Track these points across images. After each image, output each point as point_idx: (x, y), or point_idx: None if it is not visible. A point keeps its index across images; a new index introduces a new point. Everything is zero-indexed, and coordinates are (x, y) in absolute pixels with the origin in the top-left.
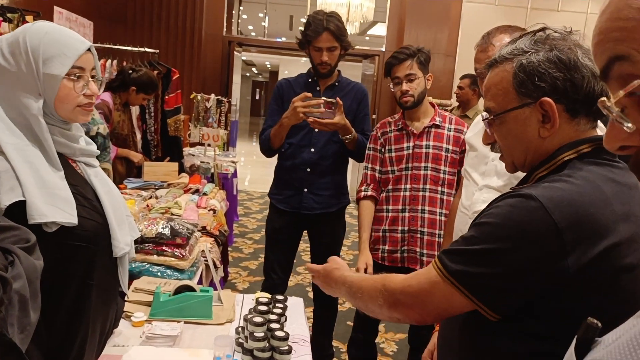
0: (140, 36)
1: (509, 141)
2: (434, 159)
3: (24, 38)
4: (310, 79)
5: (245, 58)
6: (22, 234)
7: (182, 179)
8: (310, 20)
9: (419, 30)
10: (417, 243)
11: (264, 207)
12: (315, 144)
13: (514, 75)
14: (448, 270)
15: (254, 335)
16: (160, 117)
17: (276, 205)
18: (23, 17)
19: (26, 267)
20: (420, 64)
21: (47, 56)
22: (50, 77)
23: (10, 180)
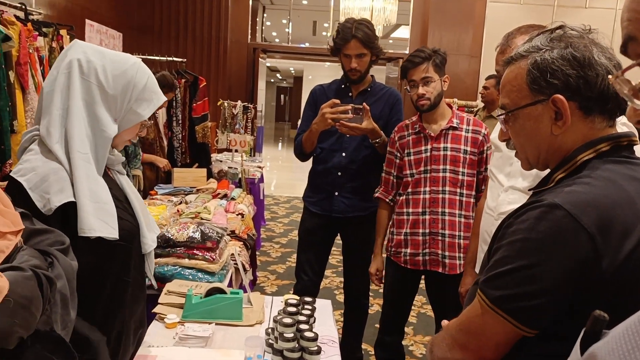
0: (167, 46)
1: (522, 138)
2: (452, 161)
3: (135, 73)
4: (343, 84)
5: (270, 64)
6: (57, 237)
7: (211, 185)
8: (340, 28)
9: (442, 32)
10: (438, 245)
11: (290, 212)
12: (347, 149)
13: (527, 72)
14: (489, 298)
15: (283, 335)
16: (188, 125)
17: (309, 207)
18: (57, 31)
19: (64, 268)
20: (436, 66)
21: (143, 97)
22: (134, 113)
23: (60, 182)
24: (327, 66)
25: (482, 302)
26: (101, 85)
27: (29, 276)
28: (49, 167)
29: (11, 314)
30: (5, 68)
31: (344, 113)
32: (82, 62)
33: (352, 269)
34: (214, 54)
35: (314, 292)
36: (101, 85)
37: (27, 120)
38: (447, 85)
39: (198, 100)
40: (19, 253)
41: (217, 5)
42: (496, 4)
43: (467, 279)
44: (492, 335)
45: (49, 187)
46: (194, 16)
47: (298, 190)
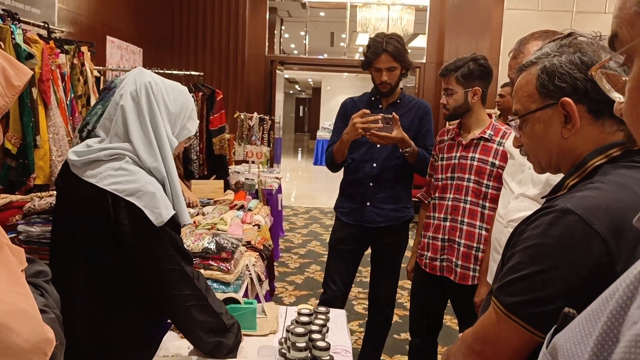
0: (186, 60)
1: (534, 142)
2: (477, 171)
3: (187, 96)
4: (373, 97)
5: (288, 76)
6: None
7: (228, 196)
8: (370, 42)
9: (459, 40)
10: (454, 253)
11: (309, 222)
12: (377, 159)
13: (537, 77)
14: (503, 304)
15: (296, 345)
16: (206, 137)
17: (340, 217)
18: (79, 48)
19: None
20: (457, 79)
21: (193, 117)
22: (186, 129)
23: (164, 199)
24: (345, 77)
25: (497, 309)
26: (166, 104)
27: (53, 319)
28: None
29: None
30: (29, 85)
31: (374, 123)
32: (152, 84)
33: (380, 278)
34: (232, 66)
35: (342, 302)
36: (166, 105)
37: (49, 135)
38: (477, 97)
39: (215, 112)
40: None
41: (234, 19)
42: (513, 11)
43: (482, 288)
44: (508, 343)
45: (158, 203)
46: (212, 30)
47: (317, 201)
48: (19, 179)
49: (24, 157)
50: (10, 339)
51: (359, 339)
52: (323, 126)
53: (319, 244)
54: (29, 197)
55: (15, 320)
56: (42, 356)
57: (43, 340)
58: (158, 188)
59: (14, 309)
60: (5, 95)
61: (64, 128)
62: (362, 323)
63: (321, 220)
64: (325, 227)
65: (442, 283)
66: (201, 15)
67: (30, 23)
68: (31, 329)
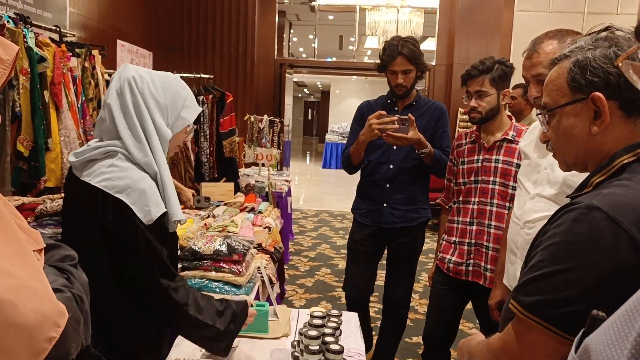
0: (196, 63)
1: (561, 137)
2: (502, 173)
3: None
4: (389, 100)
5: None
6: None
7: (238, 198)
8: (386, 46)
9: (469, 43)
10: (482, 257)
11: (318, 225)
12: (394, 161)
13: (569, 70)
14: (522, 304)
15: (309, 348)
16: (216, 140)
17: (358, 219)
18: (90, 51)
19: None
20: (493, 80)
21: (188, 104)
22: (182, 119)
23: (155, 196)
24: (354, 80)
25: (516, 310)
26: (154, 96)
27: (69, 297)
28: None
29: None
30: (41, 88)
31: (390, 124)
32: (137, 80)
33: (395, 279)
34: (241, 70)
35: (365, 302)
36: (154, 97)
37: (60, 138)
38: (508, 98)
39: (225, 115)
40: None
41: (244, 22)
42: (524, 13)
43: (497, 290)
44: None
45: (148, 201)
46: (222, 34)
47: (326, 205)
48: (30, 182)
49: (36, 160)
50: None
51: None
52: (332, 129)
53: (328, 247)
54: (40, 199)
55: (20, 295)
56: (53, 327)
57: (54, 312)
58: (150, 185)
59: (21, 284)
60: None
61: (75, 131)
62: (374, 327)
63: (331, 224)
64: (335, 230)
65: (465, 288)
66: (210, 19)
67: (42, 27)
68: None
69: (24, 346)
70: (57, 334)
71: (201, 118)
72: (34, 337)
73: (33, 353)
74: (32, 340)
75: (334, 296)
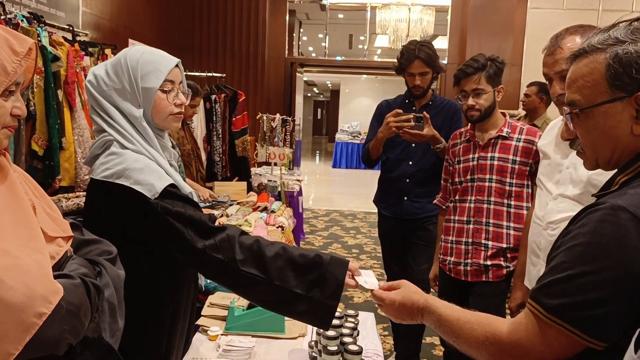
0: (207, 62)
1: (595, 137)
2: (498, 170)
3: (125, 59)
4: (407, 99)
5: (307, 79)
6: (104, 246)
7: (251, 198)
8: (404, 50)
9: (482, 41)
10: (480, 256)
11: (329, 225)
12: (413, 157)
13: (607, 66)
14: (546, 307)
15: (327, 349)
16: (228, 139)
17: (381, 211)
18: (102, 50)
19: (112, 277)
20: (489, 77)
21: (144, 72)
22: (147, 90)
23: (156, 171)
24: (364, 79)
25: (537, 312)
26: (110, 86)
27: (77, 284)
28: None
29: (61, 321)
30: (54, 87)
31: (406, 121)
32: (92, 79)
33: (415, 264)
34: (252, 69)
35: None
36: (111, 87)
37: (74, 137)
38: (502, 95)
39: (237, 114)
40: (68, 262)
41: (254, 22)
42: (537, 10)
43: (517, 293)
44: (552, 352)
45: (148, 177)
46: (232, 33)
47: (336, 204)
48: (45, 181)
49: (50, 159)
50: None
51: (385, 343)
52: (342, 129)
53: (340, 246)
54: (56, 198)
55: (10, 273)
56: (44, 303)
57: (47, 289)
58: (147, 163)
59: (15, 263)
60: (12, 61)
61: (88, 130)
62: (387, 327)
63: (342, 223)
64: (346, 230)
65: (466, 288)
66: (222, 18)
67: (55, 26)
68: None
69: (14, 321)
70: (47, 310)
71: (213, 117)
72: (23, 311)
73: (23, 328)
74: (22, 314)
75: (345, 296)
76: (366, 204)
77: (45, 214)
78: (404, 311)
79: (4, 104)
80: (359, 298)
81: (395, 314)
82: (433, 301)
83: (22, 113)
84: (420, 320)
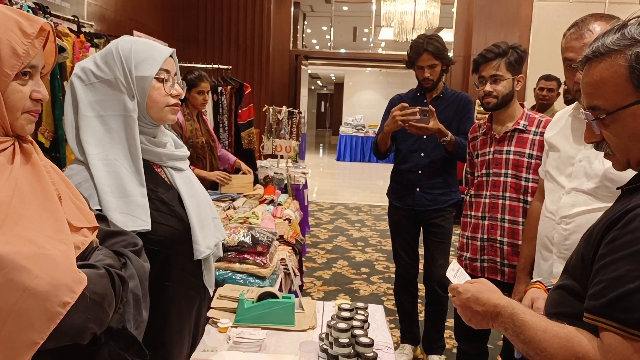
0: (212, 54)
1: (626, 139)
2: (514, 165)
3: (116, 48)
4: (418, 92)
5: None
6: (130, 239)
7: (257, 190)
8: (413, 44)
9: (487, 34)
10: (497, 253)
11: (334, 218)
12: (425, 149)
13: (630, 68)
14: (628, 323)
15: (338, 341)
16: (234, 131)
17: (393, 202)
18: (108, 42)
19: (137, 269)
20: (509, 64)
21: (138, 60)
22: (142, 79)
23: (89, 190)
24: (368, 72)
25: (615, 330)
26: (101, 77)
27: (102, 274)
28: (81, 177)
29: (85, 310)
30: (60, 78)
31: (412, 115)
32: (79, 73)
33: (432, 259)
34: (257, 61)
35: (414, 273)
36: (101, 78)
37: None
38: (521, 85)
39: (244, 106)
40: (94, 253)
41: (259, 13)
42: (544, 2)
43: (521, 286)
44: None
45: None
46: (237, 25)
47: (341, 197)
48: None
49: (57, 151)
50: (26, 279)
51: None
52: (346, 122)
53: (345, 239)
54: None
55: (35, 262)
56: (68, 292)
57: (71, 279)
58: (86, 178)
59: (40, 252)
60: (23, 43)
61: None
62: (393, 319)
63: (347, 216)
64: (351, 223)
65: None
66: (226, 10)
67: (61, 17)
68: (53, 270)
69: (39, 309)
70: (71, 300)
71: (220, 109)
72: (48, 300)
73: (48, 317)
74: (47, 303)
75: (352, 288)
76: (371, 197)
77: (72, 203)
78: (476, 307)
79: (21, 88)
80: (365, 291)
81: (464, 309)
82: (516, 305)
83: (43, 97)
84: (492, 322)
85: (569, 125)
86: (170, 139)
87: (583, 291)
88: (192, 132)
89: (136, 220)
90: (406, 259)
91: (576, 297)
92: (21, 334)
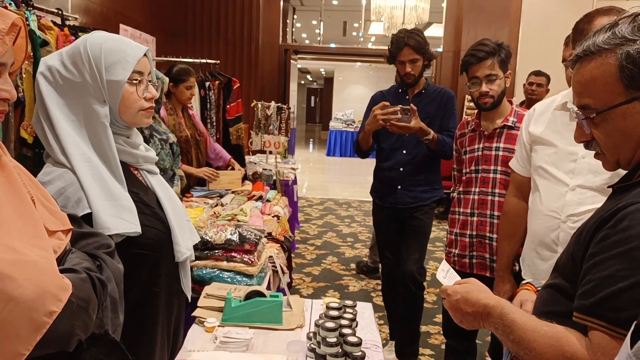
0: (200, 49)
1: (615, 139)
2: (503, 161)
3: (85, 48)
4: (400, 89)
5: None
6: (102, 240)
7: (246, 187)
8: (393, 38)
9: (477, 29)
10: (486, 249)
11: (324, 213)
12: (407, 146)
13: (619, 67)
14: (617, 323)
15: (326, 340)
16: (222, 127)
17: (376, 200)
18: None
19: (112, 271)
20: (501, 62)
21: (109, 63)
22: (113, 83)
23: (77, 193)
24: (358, 67)
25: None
26: (67, 79)
27: (84, 278)
28: (64, 180)
29: (72, 316)
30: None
31: (393, 114)
32: (45, 72)
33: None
34: (246, 55)
35: (398, 272)
36: (68, 80)
37: None
38: (510, 81)
39: (232, 101)
40: (68, 256)
41: (248, 7)
42: None
43: (506, 286)
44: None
45: (66, 201)
46: (226, 19)
47: (331, 193)
48: (34, 169)
49: (40, 147)
50: (11, 288)
51: (381, 332)
52: (336, 117)
53: (335, 235)
54: None
55: (20, 269)
56: (54, 301)
57: (56, 286)
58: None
59: (22, 259)
60: None
61: None
62: (382, 315)
63: (336, 212)
64: (341, 219)
65: None
66: (215, 3)
67: (44, 10)
68: (38, 278)
69: (24, 320)
70: (57, 309)
71: (207, 104)
72: (34, 310)
73: (34, 327)
74: (32, 313)
75: (341, 285)
76: (361, 193)
77: (43, 206)
78: (466, 308)
79: None
80: (354, 287)
81: (455, 311)
82: (506, 304)
83: (10, 96)
84: (483, 323)
85: (556, 119)
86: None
87: (573, 290)
88: (174, 126)
89: (127, 223)
90: (391, 257)
91: (566, 296)
92: (6, 345)
